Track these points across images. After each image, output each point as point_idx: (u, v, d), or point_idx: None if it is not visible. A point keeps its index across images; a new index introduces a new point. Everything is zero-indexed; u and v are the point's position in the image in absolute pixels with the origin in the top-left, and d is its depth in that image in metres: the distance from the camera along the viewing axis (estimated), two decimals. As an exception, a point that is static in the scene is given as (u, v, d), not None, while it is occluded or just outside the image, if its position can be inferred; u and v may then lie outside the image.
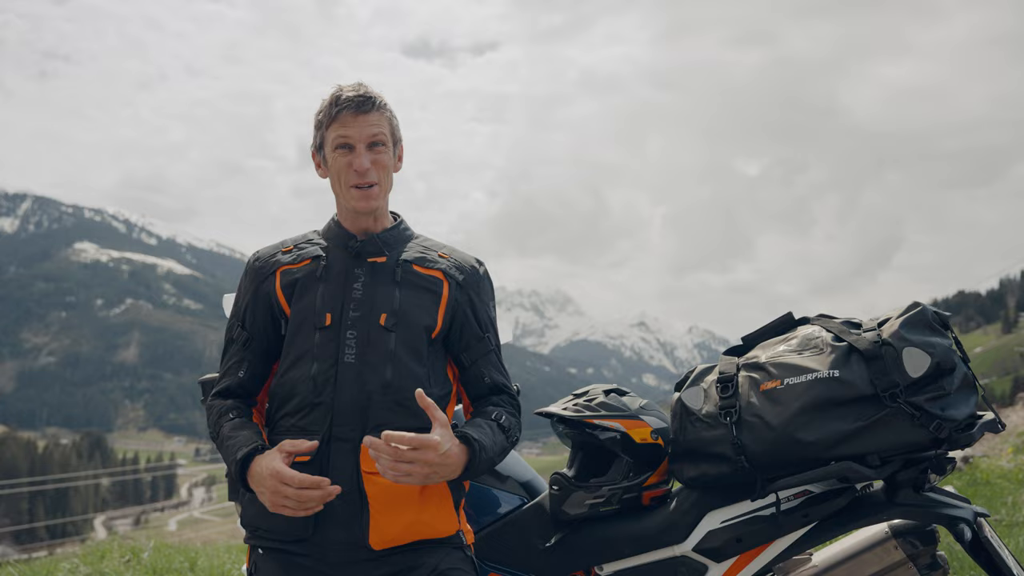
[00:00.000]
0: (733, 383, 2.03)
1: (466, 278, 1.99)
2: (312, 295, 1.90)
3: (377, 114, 1.90)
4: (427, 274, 1.95)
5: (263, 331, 1.96)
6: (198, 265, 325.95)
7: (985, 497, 6.16)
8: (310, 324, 1.87)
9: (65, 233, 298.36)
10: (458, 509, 1.94)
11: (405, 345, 1.87)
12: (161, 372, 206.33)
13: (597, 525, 2.20)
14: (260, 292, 1.96)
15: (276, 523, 1.82)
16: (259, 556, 1.89)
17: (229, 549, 6.39)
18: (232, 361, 1.98)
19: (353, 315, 1.87)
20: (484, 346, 2.00)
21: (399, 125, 1.98)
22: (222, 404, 1.94)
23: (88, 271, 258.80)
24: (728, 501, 2.07)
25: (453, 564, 1.87)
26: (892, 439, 1.85)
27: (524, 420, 2.08)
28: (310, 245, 1.98)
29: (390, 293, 1.89)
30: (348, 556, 1.81)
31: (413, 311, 1.89)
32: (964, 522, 1.93)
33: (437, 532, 1.87)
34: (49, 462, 67.17)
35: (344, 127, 1.88)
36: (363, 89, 1.91)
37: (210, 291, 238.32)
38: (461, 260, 2.02)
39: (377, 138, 1.90)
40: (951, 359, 1.84)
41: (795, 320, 2.15)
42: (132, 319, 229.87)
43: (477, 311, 2.00)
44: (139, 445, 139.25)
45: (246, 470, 1.77)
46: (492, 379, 2.00)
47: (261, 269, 1.98)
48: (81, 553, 6.06)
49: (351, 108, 1.88)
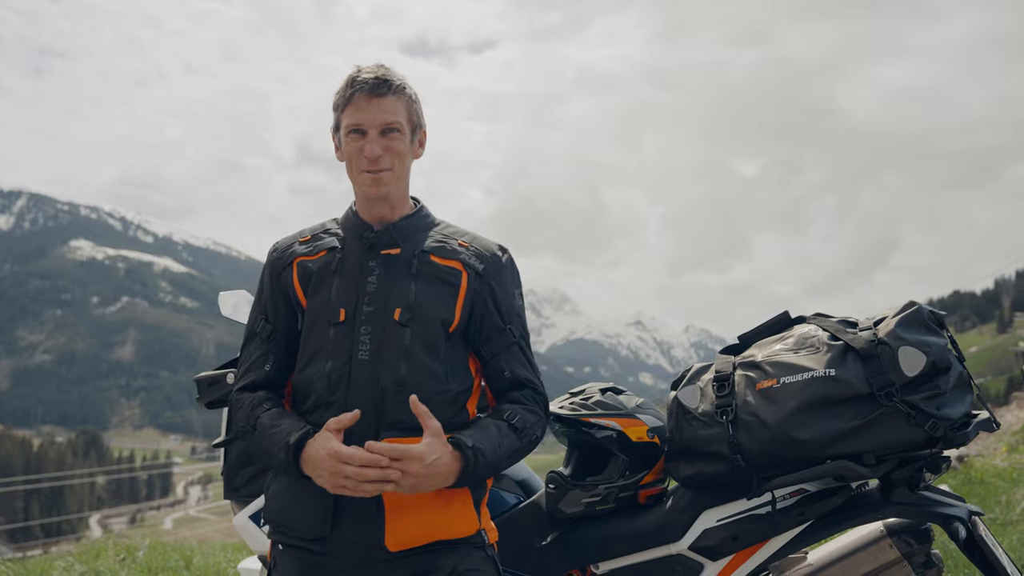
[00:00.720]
0: (729, 382, 2.03)
1: (487, 267, 1.89)
2: (327, 289, 1.85)
3: (393, 98, 1.83)
4: (445, 265, 1.86)
5: (286, 323, 1.91)
6: (194, 263, 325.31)
7: (979, 496, 6.17)
8: (324, 320, 1.83)
9: (61, 230, 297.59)
10: (479, 507, 1.87)
11: (420, 340, 1.80)
12: (157, 370, 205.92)
13: (593, 524, 2.20)
14: (279, 284, 1.91)
15: (297, 520, 1.79)
16: (279, 552, 1.86)
17: (225, 547, 6.39)
18: (256, 355, 1.92)
19: (367, 310, 1.80)
20: (506, 338, 1.89)
21: (421, 110, 1.91)
22: (252, 396, 1.88)
23: (84, 269, 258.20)
24: (724, 500, 2.08)
25: (472, 565, 1.80)
26: (888, 438, 1.85)
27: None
28: (327, 236, 1.93)
29: (405, 287, 1.82)
30: (364, 557, 1.76)
31: (429, 305, 1.82)
32: (959, 521, 1.94)
33: (456, 533, 1.81)
34: (44, 460, 67.04)
35: (358, 111, 1.82)
36: (381, 71, 1.83)
37: (207, 289, 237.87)
38: (482, 248, 1.92)
39: (391, 124, 1.82)
40: (947, 358, 1.85)
41: (791, 319, 2.15)
42: (128, 317, 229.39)
43: (499, 301, 1.89)
44: (135, 443, 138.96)
45: (299, 455, 1.73)
46: (513, 373, 1.89)
47: (279, 260, 1.93)
48: (76, 552, 6.05)
49: (365, 91, 1.81)
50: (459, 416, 1.84)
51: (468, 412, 1.87)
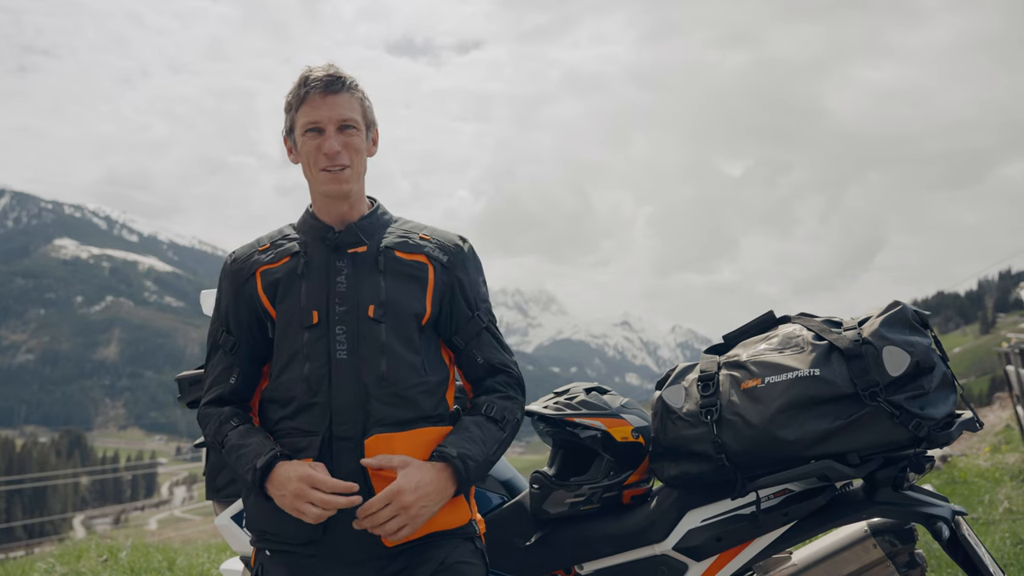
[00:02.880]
0: (714, 382, 2.03)
1: (451, 258, 1.91)
2: (295, 294, 1.84)
3: (347, 95, 1.84)
4: (411, 259, 1.88)
5: (248, 334, 1.90)
6: (180, 262, 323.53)
7: (963, 496, 6.22)
8: (297, 323, 1.82)
9: (44, 229, 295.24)
10: (468, 498, 1.90)
11: (397, 335, 1.82)
12: (142, 370, 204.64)
13: (577, 524, 2.20)
14: (242, 295, 1.90)
15: (285, 527, 1.78)
16: (266, 558, 1.85)
17: (208, 548, 6.34)
18: (220, 368, 1.92)
19: (340, 310, 1.81)
20: (475, 325, 1.92)
21: (372, 107, 1.92)
22: (219, 412, 1.88)
23: (68, 268, 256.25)
24: (708, 500, 2.08)
25: (461, 557, 1.83)
26: (871, 438, 1.85)
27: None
28: (287, 241, 1.92)
29: (375, 283, 1.84)
30: (361, 554, 1.77)
31: (400, 299, 1.84)
32: (942, 520, 1.94)
33: (448, 524, 1.83)
34: (27, 460, 66.45)
35: (314, 109, 1.82)
36: (333, 69, 1.84)
37: (192, 288, 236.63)
38: (443, 239, 1.94)
39: (347, 120, 1.83)
40: (930, 358, 1.85)
41: (776, 319, 2.16)
42: (112, 316, 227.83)
43: (466, 291, 1.92)
44: (119, 443, 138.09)
45: (265, 477, 1.75)
46: (486, 359, 1.92)
47: (240, 271, 1.91)
48: (57, 553, 5.98)
49: (320, 89, 1.81)
50: (440, 407, 1.86)
51: (447, 402, 1.89)
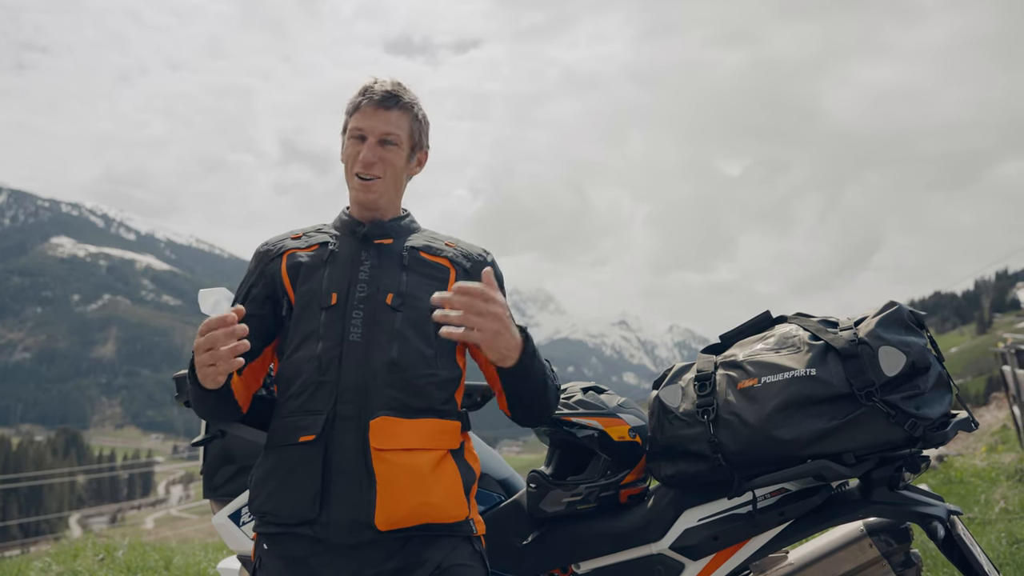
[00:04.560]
0: (711, 381, 2.03)
1: (473, 265, 1.97)
2: (318, 277, 1.90)
3: (399, 112, 1.94)
4: (434, 261, 1.95)
5: (260, 307, 1.93)
6: (177, 261, 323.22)
7: (959, 495, 6.24)
8: (316, 305, 1.87)
9: (41, 227, 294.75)
10: (468, 495, 1.88)
11: (412, 325, 1.85)
12: (138, 368, 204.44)
13: (574, 523, 2.20)
14: (265, 272, 1.96)
15: (285, 503, 1.79)
16: (264, 551, 1.85)
17: (205, 547, 6.34)
18: None
19: (359, 295, 1.86)
20: None
21: (427, 130, 2.01)
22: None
23: (65, 266, 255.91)
24: (705, 499, 2.08)
25: (458, 559, 1.81)
26: (867, 437, 1.86)
27: (502, 419, 2.05)
28: (319, 233, 2.00)
29: (397, 275, 1.90)
30: (353, 537, 1.76)
31: (420, 294, 1.87)
32: (937, 520, 1.95)
33: (446, 516, 1.81)
34: (23, 459, 66.35)
35: (363, 118, 1.93)
36: (393, 86, 1.94)
37: (189, 287, 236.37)
38: (468, 249, 2.01)
39: (390, 136, 1.92)
40: (926, 358, 1.86)
41: (773, 319, 2.16)
42: (109, 315, 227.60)
43: None
44: (116, 442, 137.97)
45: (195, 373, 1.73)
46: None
47: (269, 252, 1.99)
48: (53, 552, 5.97)
49: (374, 102, 1.92)
50: (449, 403, 1.87)
51: (456, 401, 1.90)
